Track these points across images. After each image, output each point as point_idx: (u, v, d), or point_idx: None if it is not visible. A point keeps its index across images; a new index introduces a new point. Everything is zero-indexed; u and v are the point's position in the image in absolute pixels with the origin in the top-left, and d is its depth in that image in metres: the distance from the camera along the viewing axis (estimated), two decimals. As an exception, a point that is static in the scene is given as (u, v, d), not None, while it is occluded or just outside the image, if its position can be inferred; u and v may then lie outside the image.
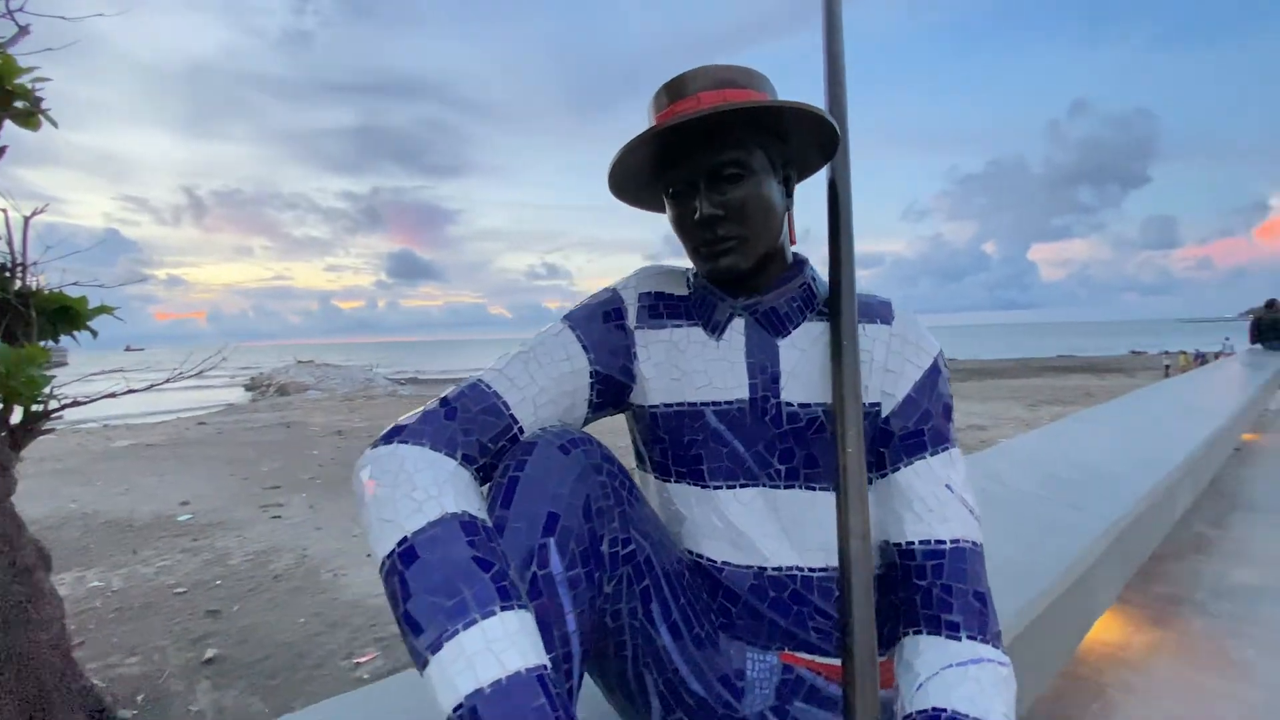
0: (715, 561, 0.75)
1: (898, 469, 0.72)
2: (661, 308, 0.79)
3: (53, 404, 2.09)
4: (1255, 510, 2.98)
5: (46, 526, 4.70)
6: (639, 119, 0.77)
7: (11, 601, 1.71)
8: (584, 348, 0.75)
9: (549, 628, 0.58)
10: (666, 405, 0.76)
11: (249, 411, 12.98)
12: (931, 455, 0.72)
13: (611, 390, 0.77)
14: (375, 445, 0.65)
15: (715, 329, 0.76)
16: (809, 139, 0.73)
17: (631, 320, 0.78)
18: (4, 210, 2.23)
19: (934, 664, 0.64)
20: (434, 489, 0.60)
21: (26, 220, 2.24)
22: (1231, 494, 3.27)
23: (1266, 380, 5.97)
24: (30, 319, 2.17)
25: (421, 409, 0.68)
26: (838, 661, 0.73)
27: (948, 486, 0.71)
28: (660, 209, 0.81)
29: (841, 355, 0.69)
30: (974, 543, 0.70)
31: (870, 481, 0.72)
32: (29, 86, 1.68)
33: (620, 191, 0.77)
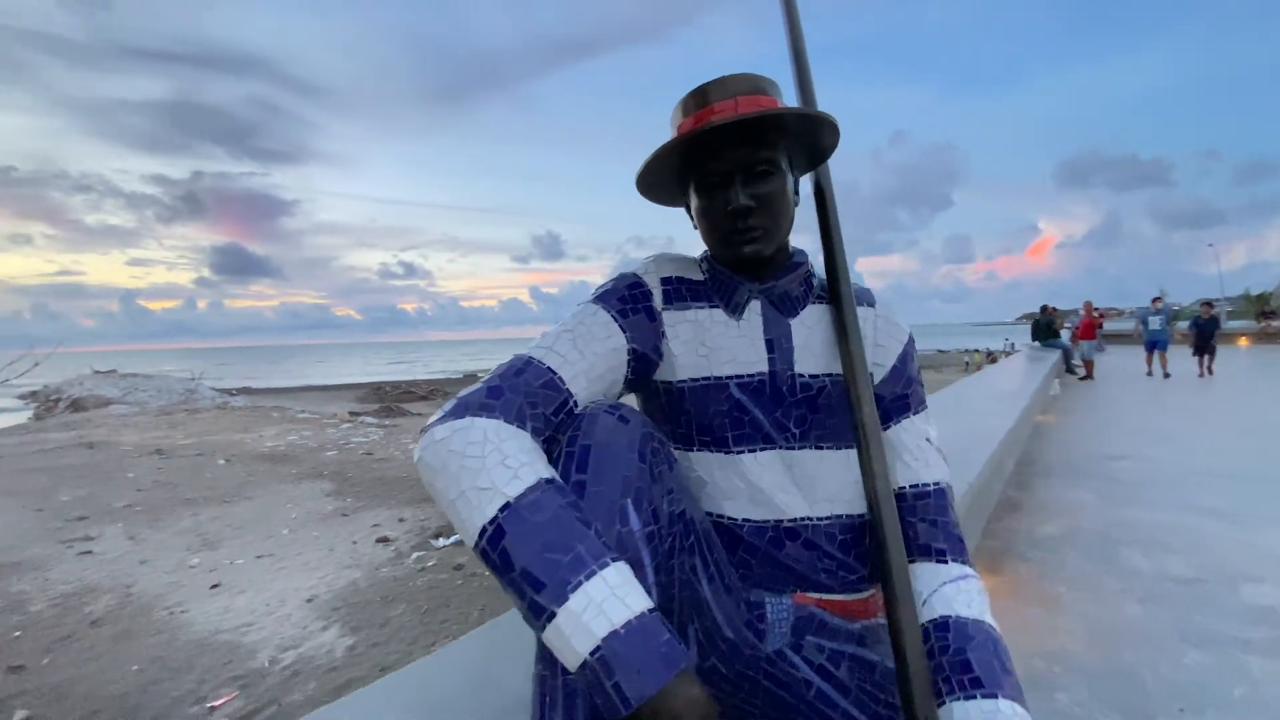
0: (736, 519, 0.82)
1: (888, 427, 0.84)
2: (684, 290, 0.86)
3: None
4: (1050, 475, 3.62)
5: None
6: (501, 115, 0.81)
7: None
8: (620, 327, 0.81)
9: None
10: (693, 380, 0.83)
11: (34, 431, 10.80)
12: (914, 414, 0.86)
13: (643, 367, 0.83)
14: (443, 420, 0.67)
15: (735, 309, 0.84)
16: (806, 146, 0.83)
17: (658, 302, 0.85)
18: None
19: (931, 583, 0.77)
20: (525, 457, 0.64)
21: None
22: (1032, 463, 3.93)
23: (1047, 371, 7.23)
24: None
25: (483, 384, 0.71)
26: (843, 597, 0.83)
27: (927, 439, 0.85)
28: (670, 202, 0.90)
29: (848, 332, 0.80)
30: (948, 484, 0.84)
31: None
32: None
33: (648, 189, 0.85)
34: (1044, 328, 11.27)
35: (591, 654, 0.55)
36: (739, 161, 0.77)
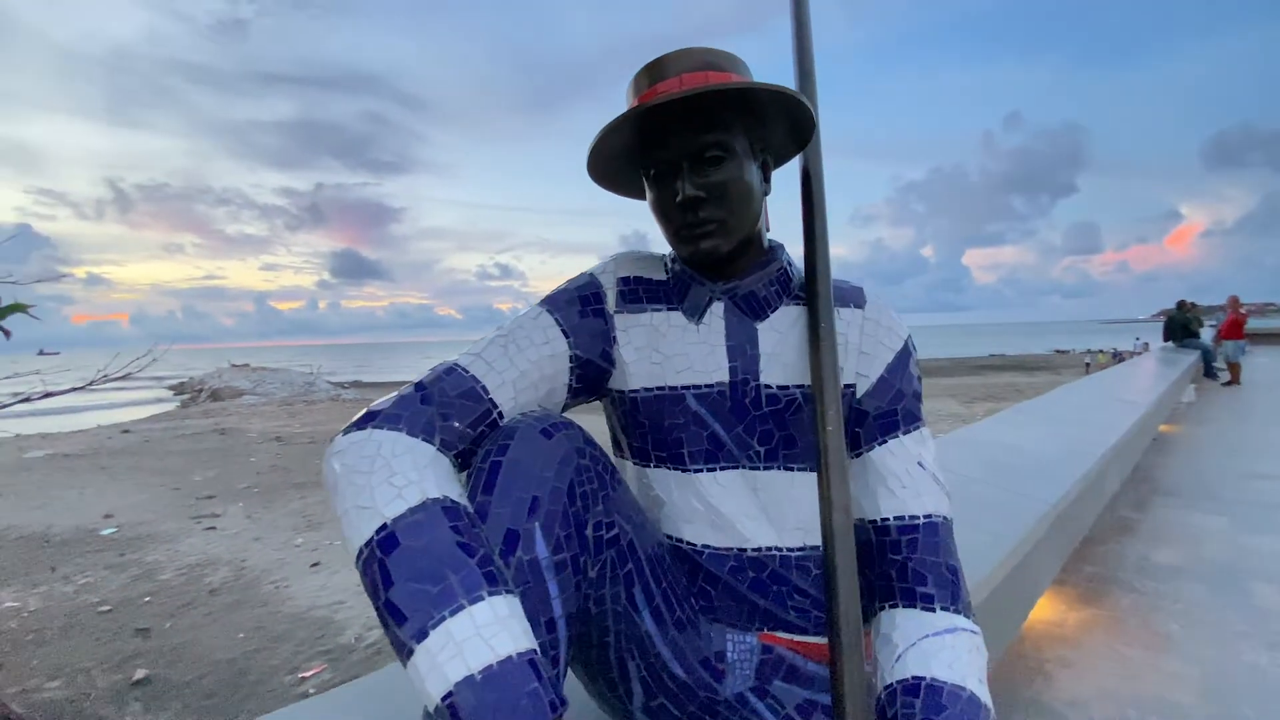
0: (695, 545, 0.75)
1: (872, 448, 0.73)
2: (641, 292, 0.78)
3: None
4: (1172, 495, 3.21)
5: (-53, 545, 4.33)
6: (589, 121, 0.76)
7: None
8: (563, 332, 0.74)
9: (535, 614, 0.57)
10: (647, 389, 0.76)
11: (179, 418, 12.25)
12: (904, 434, 0.73)
13: (591, 375, 0.76)
14: (348, 431, 0.63)
15: (695, 313, 0.76)
16: (785, 126, 0.73)
17: (611, 304, 0.77)
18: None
19: (911, 635, 0.66)
20: (414, 474, 0.58)
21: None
22: (1152, 480, 3.51)
23: (1178, 375, 6.43)
24: (-68, 317, 2.00)
25: (396, 394, 0.66)
26: (817, 639, 0.74)
27: (920, 464, 0.72)
28: (640, 195, 0.80)
29: (819, 338, 0.70)
30: (945, 517, 0.72)
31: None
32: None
33: (600, 177, 0.76)
34: (1180, 326, 10.06)
35: (443, 699, 0.49)
36: (685, 148, 0.69)
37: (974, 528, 1.65)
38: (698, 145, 0.69)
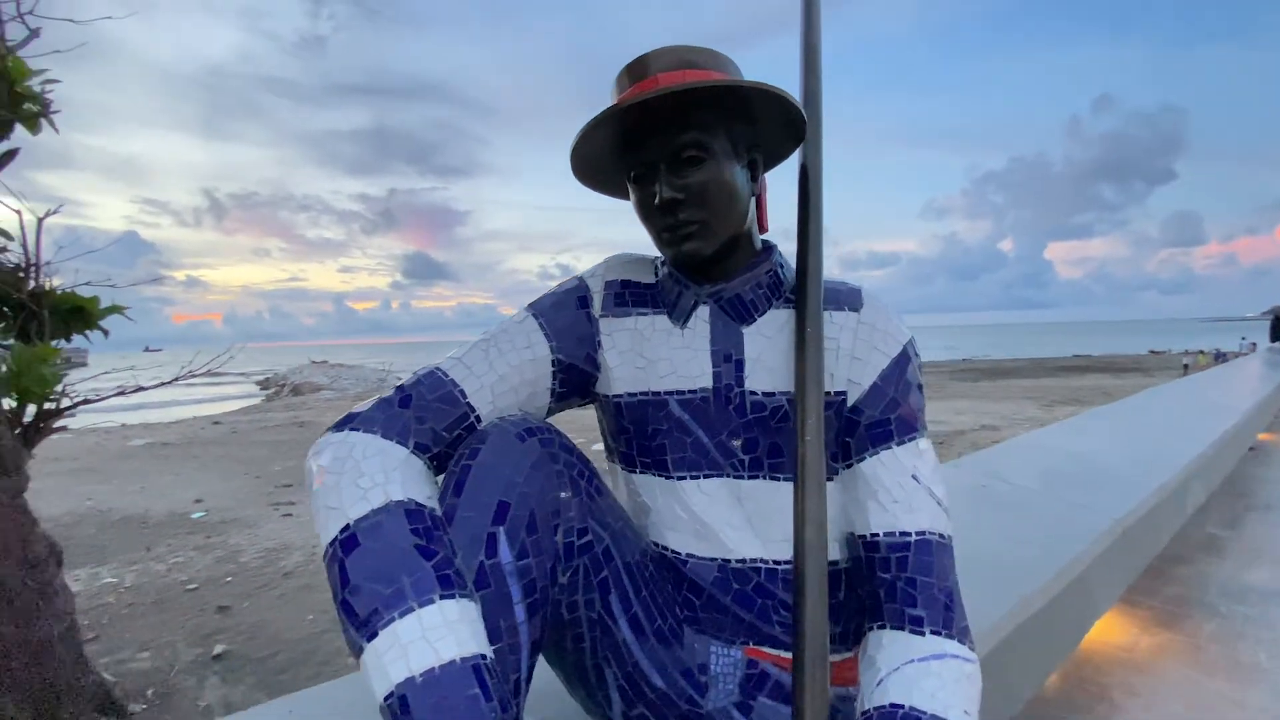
0: (680, 553, 0.74)
1: (863, 459, 0.69)
2: (627, 295, 0.78)
3: (65, 402, 2.13)
4: (1271, 510, 2.92)
5: (63, 524, 4.79)
6: None
7: (22, 596, 1.74)
8: (546, 335, 0.74)
9: (496, 618, 0.57)
10: (631, 394, 0.75)
11: (263, 411, 13.12)
12: (898, 445, 0.69)
13: (575, 379, 0.76)
14: (328, 432, 0.65)
15: (680, 316, 0.75)
16: (777, 122, 0.70)
17: (597, 308, 0.77)
18: (18, 212, 2.27)
19: (895, 659, 0.62)
20: (380, 476, 0.59)
21: (40, 222, 2.28)
22: (1246, 494, 3.20)
23: (1286, 379, 5.85)
24: (42, 318, 2.21)
25: (376, 396, 0.68)
26: None
27: (914, 477, 0.68)
28: (628, 196, 0.78)
29: (805, 342, 0.67)
30: (941, 535, 0.67)
31: (836, 472, 0.71)
32: (37, 89, 1.71)
33: (586, 178, 0.76)
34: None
35: (384, 699, 0.49)
36: (662, 149, 0.67)
37: (1020, 541, 1.56)
38: (674, 146, 0.67)
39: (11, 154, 1.81)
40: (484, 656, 0.52)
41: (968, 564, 1.54)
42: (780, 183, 0.80)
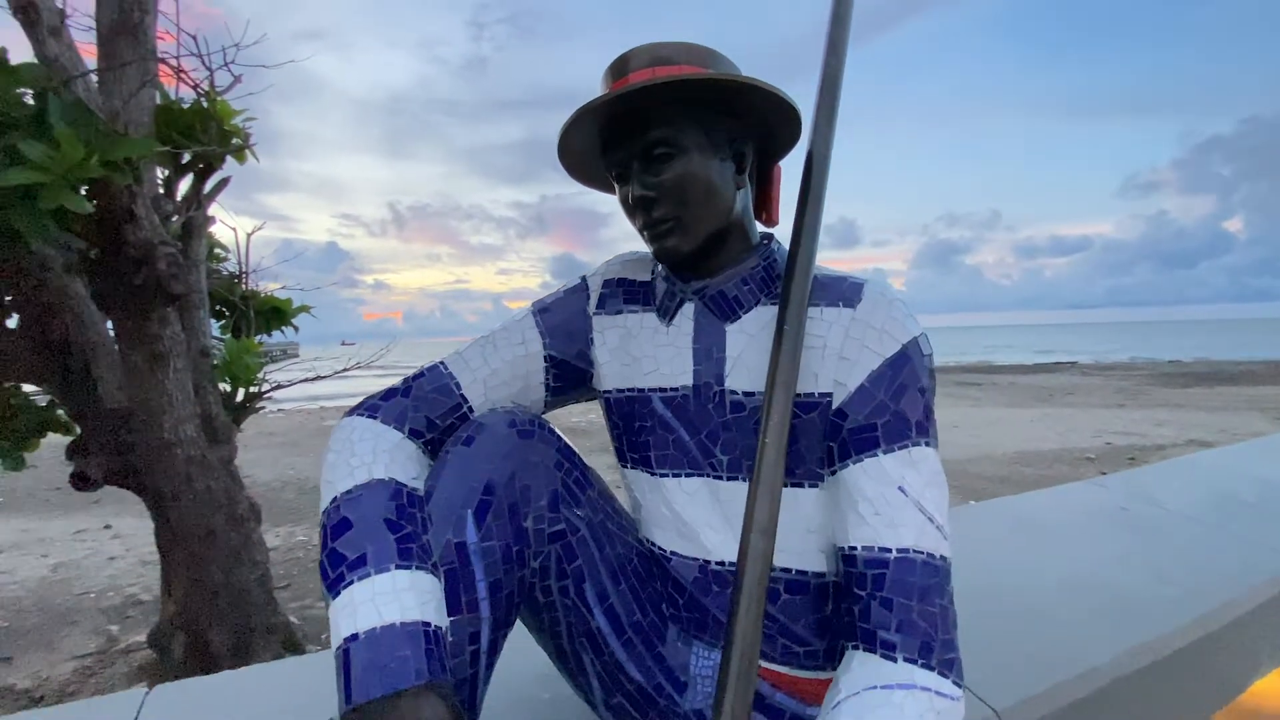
0: (665, 550, 0.76)
1: (846, 466, 0.64)
2: (621, 293, 0.80)
3: (265, 386, 2.56)
4: None
5: (269, 489, 5.69)
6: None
7: (229, 546, 2.12)
8: (540, 332, 0.78)
9: (457, 593, 0.61)
10: (619, 391, 0.78)
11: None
12: (885, 453, 0.63)
13: (568, 374, 0.79)
14: (343, 415, 0.73)
15: (666, 314, 0.76)
16: (771, 112, 0.68)
17: (592, 306, 0.80)
18: (233, 229, 2.76)
19: (858, 683, 0.57)
20: (369, 457, 0.66)
21: (249, 236, 2.75)
22: None
23: None
24: (249, 317, 2.66)
25: (388, 386, 0.75)
26: (785, 669, 0.70)
27: (901, 489, 0.61)
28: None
29: (782, 338, 0.63)
30: (929, 555, 0.60)
31: (821, 479, 0.68)
32: (240, 126, 2.06)
33: (579, 178, 0.78)
34: None
35: (337, 650, 0.55)
36: (633, 148, 0.68)
37: (1156, 576, 1.32)
38: (644, 144, 0.68)
39: (224, 182, 2.20)
40: (428, 624, 0.56)
41: (1074, 593, 1.32)
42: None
